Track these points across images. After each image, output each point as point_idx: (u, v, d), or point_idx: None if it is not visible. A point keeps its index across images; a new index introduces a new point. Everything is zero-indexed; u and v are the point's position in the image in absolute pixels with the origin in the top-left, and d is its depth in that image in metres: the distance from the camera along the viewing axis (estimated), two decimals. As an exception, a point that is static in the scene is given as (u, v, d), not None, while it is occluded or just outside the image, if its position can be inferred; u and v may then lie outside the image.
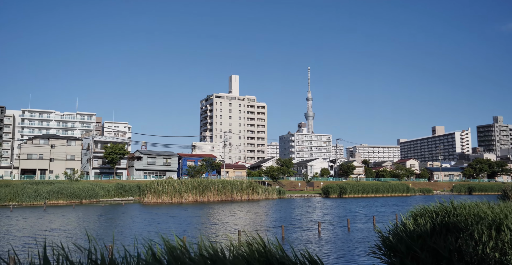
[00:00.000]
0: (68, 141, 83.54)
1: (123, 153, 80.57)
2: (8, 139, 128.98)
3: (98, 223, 29.65)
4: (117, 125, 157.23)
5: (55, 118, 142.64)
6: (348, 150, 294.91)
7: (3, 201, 49.87)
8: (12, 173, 79.61)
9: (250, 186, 63.97)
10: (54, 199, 52.22)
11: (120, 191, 61.41)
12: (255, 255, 5.58)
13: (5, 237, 22.19)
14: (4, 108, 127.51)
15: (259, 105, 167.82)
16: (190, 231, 24.22)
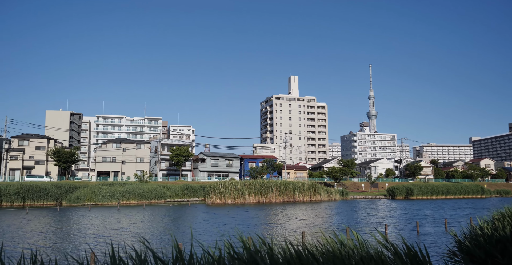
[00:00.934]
0: (138, 144, 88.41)
1: (187, 155, 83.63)
2: (85, 143, 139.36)
3: (171, 222, 31.05)
4: (181, 128, 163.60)
5: (125, 123, 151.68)
6: (414, 150, 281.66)
7: (83, 201, 54.00)
8: (89, 175, 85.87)
9: (312, 187, 63.43)
10: (127, 200, 55.52)
11: (186, 192, 63.82)
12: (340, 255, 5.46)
13: (87, 234, 24.01)
14: (81, 115, 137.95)
15: (319, 105, 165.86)
16: (257, 231, 24.57)
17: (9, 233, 24.84)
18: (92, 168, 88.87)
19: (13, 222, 31.35)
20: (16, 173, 78.31)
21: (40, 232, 25.32)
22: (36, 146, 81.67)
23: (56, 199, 54.50)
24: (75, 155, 77.12)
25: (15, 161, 78.91)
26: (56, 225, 29.32)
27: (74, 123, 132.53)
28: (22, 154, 79.68)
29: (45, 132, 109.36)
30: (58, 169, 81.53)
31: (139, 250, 5.74)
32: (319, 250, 5.66)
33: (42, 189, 53.87)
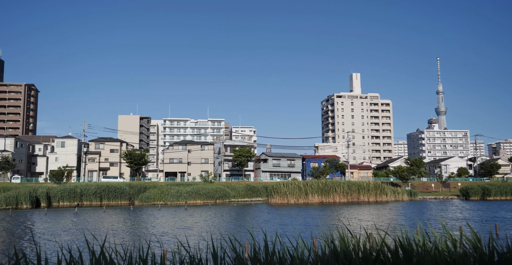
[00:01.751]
0: (202, 146, 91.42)
1: (250, 156, 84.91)
2: (154, 145, 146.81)
3: (238, 221, 31.80)
4: (243, 129, 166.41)
5: (190, 126, 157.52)
6: (490, 147, 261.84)
7: (153, 200, 56.98)
8: (158, 175, 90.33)
9: (378, 187, 61.47)
10: (193, 199, 57.65)
11: (249, 192, 64.86)
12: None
13: (158, 231, 25.35)
14: (149, 118, 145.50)
15: (383, 102, 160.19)
16: (325, 232, 24.38)
17: (92, 229, 26.92)
18: (161, 169, 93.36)
19: (93, 219, 33.94)
20: (93, 174, 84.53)
21: (117, 229, 27.16)
22: (111, 149, 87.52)
23: (129, 198, 58.05)
24: (145, 157, 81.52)
25: (92, 163, 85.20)
26: (130, 223, 31.26)
27: (144, 127, 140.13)
28: (99, 157, 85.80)
29: (118, 135, 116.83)
30: (130, 170, 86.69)
31: (211, 247, 6.00)
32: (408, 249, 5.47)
33: (117, 189, 57.66)
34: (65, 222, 32.70)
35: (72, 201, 54.64)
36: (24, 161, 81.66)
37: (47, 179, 71.26)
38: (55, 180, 62.50)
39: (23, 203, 50.20)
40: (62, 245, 4.47)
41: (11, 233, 25.89)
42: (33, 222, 33.03)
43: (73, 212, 42.96)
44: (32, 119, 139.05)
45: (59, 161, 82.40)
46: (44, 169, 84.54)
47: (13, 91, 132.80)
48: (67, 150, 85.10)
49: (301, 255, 5.55)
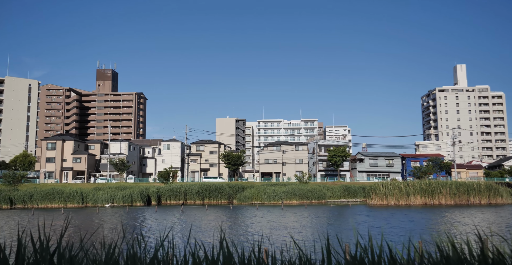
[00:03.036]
0: (296, 146, 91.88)
1: (345, 156, 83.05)
2: (249, 147, 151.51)
3: (342, 222, 31.46)
4: (337, 128, 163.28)
5: (283, 126, 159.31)
6: None
7: (250, 200, 58.87)
8: (254, 176, 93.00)
9: (490, 188, 55.69)
10: (289, 199, 58.23)
11: (345, 193, 63.48)
12: None
13: (257, 230, 26.17)
14: (244, 120, 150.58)
15: (494, 95, 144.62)
16: (427, 235, 22.96)
17: (200, 226, 28.81)
18: (256, 169, 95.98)
19: (198, 217, 36.25)
20: (195, 174, 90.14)
21: (221, 226, 28.66)
22: (210, 151, 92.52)
23: (229, 197, 60.74)
24: (242, 158, 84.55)
25: (194, 164, 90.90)
26: (233, 221, 32.75)
27: (239, 129, 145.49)
28: (199, 158, 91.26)
29: (216, 137, 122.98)
30: (228, 171, 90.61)
31: (311, 247, 6.09)
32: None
33: (217, 189, 60.75)
34: (172, 218, 35.46)
35: (178, 200, 58.94)
36: (136, 163, 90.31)
37: (156, 179, 77.91)
38: (162, 180, 68.03)
39: (137, 201, 55.55)
40: (173, 240, 4.78)
41: (127, 226, 28.89)
42: (145, 218, 36.40)
43: (179, 210, 46.32)
44: (142, 125, 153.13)
45: (165, 162, 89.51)
46: (153, 170, 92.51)
47: (126, 100, 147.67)
48: (172, 152, 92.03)
49: (408, 260, 5.34)
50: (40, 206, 53.83)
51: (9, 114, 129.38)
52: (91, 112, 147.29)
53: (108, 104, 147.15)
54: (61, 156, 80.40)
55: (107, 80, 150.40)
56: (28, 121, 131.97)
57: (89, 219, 35.66)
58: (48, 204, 54.58)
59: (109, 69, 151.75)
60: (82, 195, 55.56)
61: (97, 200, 54.95)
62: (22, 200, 54.32)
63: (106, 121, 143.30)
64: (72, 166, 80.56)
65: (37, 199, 54.49)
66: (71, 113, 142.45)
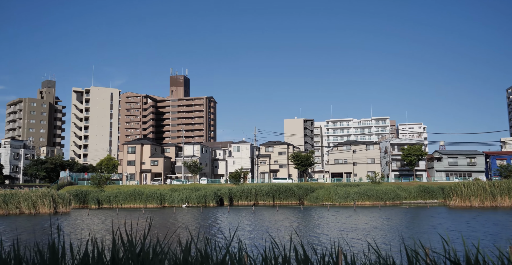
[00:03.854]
0: (367, 145, 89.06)
1: (420, 154, 78.82)
2: (318, 147, 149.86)
3: (421, 224, 30.08)
4: (411, 126, 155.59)
5: (353, 125, 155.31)
6: None
7: (321, 200, 58.20)
8: (324, 176, 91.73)
9: None
10: (361, 200, 56.62)
11: (422, 193, 60.27)
12: None
13: (329, 230, 25.83)
14: (312, 121, 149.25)
15: None
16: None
17: (273, 226, 29.15)
18: (326, 170, 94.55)
19: (269, 218, 36.66)
20: (265, 175, 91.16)
21: (290, 227, 28.74)
22: (279, 152, 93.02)
23: (299, 198, 60.58)
24: (311, 158, 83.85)
25: (263, 165, 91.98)
26: (303, 222, 32.65)
27: (307, 129, 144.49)
28: (269, 159, 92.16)
29: (284, 138, 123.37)
30: (298, 172, 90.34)
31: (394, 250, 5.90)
32: None
33: (287, 190, 60.89)
34: (244, 219, 36.21)
35: (249, 200, 60.03)
36: (208, 165, 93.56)
37: (227, 180, 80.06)
38: (233, 181, 69.72)
39: (210, 202, 57.55)
40: (239, 241, 4.86)
41: (201, 225, 30.05)
42: (218, 218, 37.57)
43: (251, 210, 47.16)
44: (213, 128, 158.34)
45: (235, 164, 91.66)
46: (224, 171, 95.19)
47: (197, 104, 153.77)
48: (241, 154, 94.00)
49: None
50: (124, 206, 57.90)
51: (94, 121, 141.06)
52: (166, 117, 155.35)
53: (181, 109, 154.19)
54: (140, 159, 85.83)
55: (179, 86, 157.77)
56: (110, 127, 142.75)
57: (167, 218, 37.66)
58: (130, 204, 58.55)
59: (181, 75, 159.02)
60: (161, 196, 58.81)
61: (173, 200, 57.82)
62: (108, 201, 58.84)
63: (180, 125, 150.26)
64: (150, 168, 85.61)
65: (120, 200, 58.70)
66: (148, 119, 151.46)
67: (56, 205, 46.15)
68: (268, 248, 4.25)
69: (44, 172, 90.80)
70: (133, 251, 2.99)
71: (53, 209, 45.60)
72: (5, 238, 23.45)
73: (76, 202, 56.70)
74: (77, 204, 57.58)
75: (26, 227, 31.25)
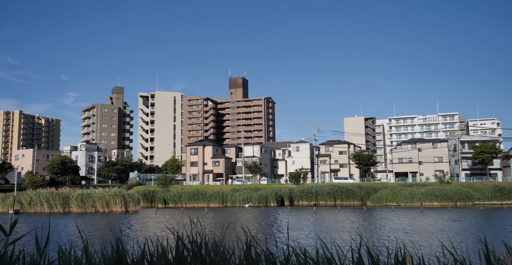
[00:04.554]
0: (434, 143, 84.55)
1: (494, 152, 73.32)
2: (380, 146, 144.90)
3: (495, 227, 28.17)
4: (482, 122, 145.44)
5: (418, 123, 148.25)
6: None
7: (385, 201, 56.22)
8: (388, 176, 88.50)
9: None
10: (429, 201, 53.87)
11: (497, 194, 56.07)
12: None
13: (392, 233, 24.89)
14: (374, 119, 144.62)
15: None
16: None
17: (336, 227, 28.74)
18: (390, 169, 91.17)
19: (331, 218, 36.14)
20: (325, 175, 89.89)
21: (352, 228, 28.11)
22: (339, 151, 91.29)
23: (361, 199, 59.01)
24: (373, 157, 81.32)
25: (323, 165, 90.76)
26: (366, 223, 31.77)
27: (369, 127, 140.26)
28: (329, 159, 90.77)
29: (344, 137, 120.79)
30: (359, 171, 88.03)
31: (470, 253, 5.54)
32: None
33: (348, 190, 59.58)
34: (305, 219, 35.99)
35: (309, 201, 59.56)
36: (268, 165, 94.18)
37: (287, 180, 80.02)
38: (293, 181, 69.55)
39: (271, 202, 57.90)
40: (287, 242, 4.73)
41: (265, 224, 30.32)
42: (280, 218, 37.68)
43: (312, 210, 46.77)
44: (271, 128, 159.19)
45: (295, 164, 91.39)
46: (283, 171, 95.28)
47: (256, 105, 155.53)
48: (301, 153, 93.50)
49: None
50: (188, 206, 60.06)
51: (159, 124, 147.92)
52: (226, 118, 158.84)
53: (240, 110, 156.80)
54: (202, 160, 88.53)
55: (238, 88, 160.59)
56: (174, 130, 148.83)
57: (230, 217, 38.50)
58: (194, 204, 60.61)
59: (240, 77, 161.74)
60: (223, 196, 60.22)
61: (235, 200, 58.93)
62: (173, 200, 61.37)
63: (239, 126, 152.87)
64: (212, 169, 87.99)
65: (185, 199, 60.96)
66: (209, 120, 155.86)
67: (127, 204, 48.97)
68: (329, 248, 4.21)
69: (115, 173, 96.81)
70: (197, 249, 3.11)
71: (124, 208, 48.45)
72: (83, 234, 25.36)
73: (144, 201, 59.75)
74: (145, 204, 60.66)
75: (100, 224, 33.54)
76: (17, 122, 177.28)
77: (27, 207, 48.73)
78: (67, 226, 32.03)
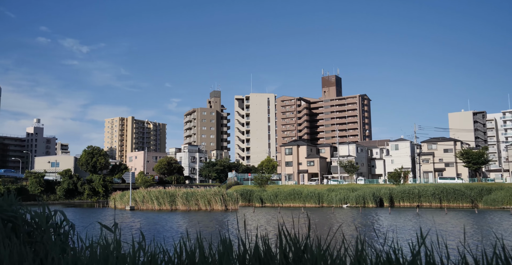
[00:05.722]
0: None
1: None
2: (493, 142, 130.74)
3: None
4: None
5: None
6: None
7: (500, 203, 50.63)
8: (503, 175, 79.54)
9: None
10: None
11: None
12: None
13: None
14: (484, 113, 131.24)
15: None
16: None
17: (443, 230, 26.88)
18: (505, 168, 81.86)
19: (437, 221, 33.69)
20: (429, 175, 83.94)
21: (461, 232, 25.88)
22: (444, 149, 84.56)
23: (471, 201, 53.98)
24: (484, 155, 73.83)
25: (426, 164, 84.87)
26: (477, 227, 29.02)
27: (478, 123, 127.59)
28: (432, 157, 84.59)
29: (449, 134, 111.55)
30: (468, 171, 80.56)
31: None
32: None
33: (456, 191, 54.91)
34: (408, 220, 34.05)
35: (411, 202, 56.20)
36: (365, 164, 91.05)
37: (386, 180, 76.45)
38: (393, 181, 66.21)
39: (369, 202, 55.91)
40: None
41: (363, 225, 29.42)
42: (380, 219, 36.20)
43: (414, 212, 44.08)
44: (367, 126, 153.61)
45: (394, 163, 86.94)
46: (382, 171, 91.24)
47: (350, 103, 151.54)
48: (400, 152, 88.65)
49: None
50: (284, 205, 60.79)
51: (254, 125, 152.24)
52: (319, 117, 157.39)
53: (334, 109, 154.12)
54: (297, 160, 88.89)
55: (331, 86, 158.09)
56: (268, 130, 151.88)
57: (327, 218, 38.11)
58: (290, 204, 61.14)
59: (333, 75, 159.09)
60: (319, 196, 59.79)
61: (331, 200, 58.09)
62: (270, 199, 62.62)
63: (333, 125, 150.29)
64: (306, 168, 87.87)
65: (281, 199, 61.80)
66: (302, 120, 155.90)
67: (226, 203, 51.30)
68: (439, 253, 3.91)
69: (215, 173, 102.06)
70: (299, 248, 3.19)
71: (224, 207, 50.83)
72: (190, 230, 27.26)
73: (242, 200, 61.96)
74: (243, 202, 62.82)
75: (205, 221, 35.68)
76: (130, 127, 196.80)
77: (140, 204, 53.78)
78: (178, 222, 34.66)
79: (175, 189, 55.78)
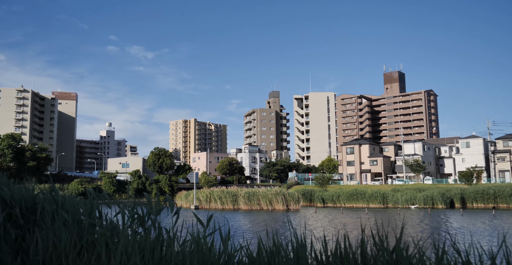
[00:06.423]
0: None
1: None
2: None
3: None
4: None
5: None
6: None
7: None
8: None
9: None
10: None
11: None
12: None
13: None
14: None
15: None
16: None
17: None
18: None
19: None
20: (505, 174, 77.79)
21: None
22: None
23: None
24: None
25: (502, 163, 78.73)
26: None
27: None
28: (509, 155, 78.32)
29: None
30: (552, 169, 73.47)
31: None
32: None
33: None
34: (483, 223, 31.84)
35: (486, 203, 52.47)
36: (432, 163, 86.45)
37: (456, 180, 71.99)
38: (464, 181, 62.21)
39: (438, 203, 53.02)
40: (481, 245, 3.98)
41: (430, 227, 27.96)
42: (451, 222, 34.21)
43: (490, 214, 41.12)
44: (434, 123, 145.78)
45: (465, 161, 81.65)
46: (451, 170, 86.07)
47: (415, 99, 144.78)
48: (472, 150, 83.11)
49: None
50: (346, 206, 59.51)
51: (314, 124, 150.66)
52: (382, 115, 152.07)
53: (397, 106, 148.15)
54: (359, 159, 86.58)
55: (394, 82, 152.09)
56: (329, 130, 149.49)
57: (395, 219, 36.75)
58: (352, 204, 59.70)
59: (395, 71, 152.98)
60: (383, 196, 57.79)
61: (397, 201, 55.89)
62: (332, 200, 61.61)
63: (397, 122, 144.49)
64: (369, 168, 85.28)
65: (343, 199, 60.55)
66: (364, 119, 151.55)
67: (288, 203, 51.26)
68: None
69: (275, 173, 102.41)
70: (386, 248, 3.07)
71: (285, 207, 50.84)
72: (256, 228, 27.67)
73: (303, 200, 61.57)
74: (305, 202, 62.40)
75: (269, 220, 35.98)
76: (193, 128, 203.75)
77: (204, 203, 55.44)
78: (243, 221, 35.34)
79: (237, 188, 56.78)
